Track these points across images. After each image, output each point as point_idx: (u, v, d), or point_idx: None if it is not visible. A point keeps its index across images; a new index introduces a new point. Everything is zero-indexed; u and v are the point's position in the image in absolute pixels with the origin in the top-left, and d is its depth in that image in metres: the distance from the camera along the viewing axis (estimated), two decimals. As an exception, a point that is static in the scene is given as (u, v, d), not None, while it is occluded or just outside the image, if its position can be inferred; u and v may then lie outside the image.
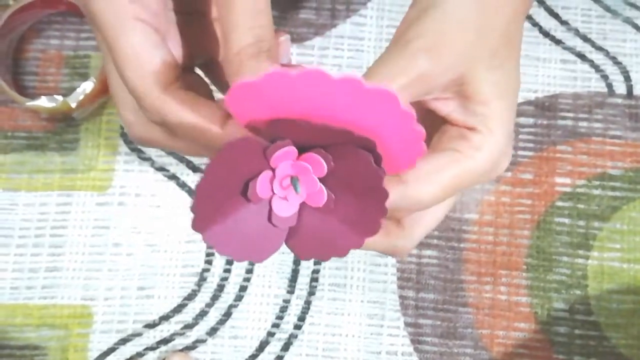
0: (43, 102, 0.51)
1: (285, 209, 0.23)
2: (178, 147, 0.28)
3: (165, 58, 0.25)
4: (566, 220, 0.53)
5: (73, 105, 0.51)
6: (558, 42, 0.57)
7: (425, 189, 0.25)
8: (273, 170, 0.22)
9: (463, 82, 0.25)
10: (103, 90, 0.52)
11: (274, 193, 0.23)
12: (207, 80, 0.32)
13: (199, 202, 0.21)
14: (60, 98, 0.51)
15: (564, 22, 0.57)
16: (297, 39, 0.57)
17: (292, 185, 0.22)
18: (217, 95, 0.33)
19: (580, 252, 0.52)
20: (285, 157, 0.22)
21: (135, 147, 0.54)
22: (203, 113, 0.24)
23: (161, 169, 0.54)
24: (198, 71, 0.32)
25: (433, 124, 0.27)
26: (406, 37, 0.24)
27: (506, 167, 0.28)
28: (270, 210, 0.23)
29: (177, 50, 0.29)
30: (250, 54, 0.24)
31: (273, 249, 0.23)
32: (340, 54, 0.57)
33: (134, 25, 0.25)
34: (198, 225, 0.22)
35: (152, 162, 0.54)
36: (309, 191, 0.22)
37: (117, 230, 0.53)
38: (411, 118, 0.22)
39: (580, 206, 0.53)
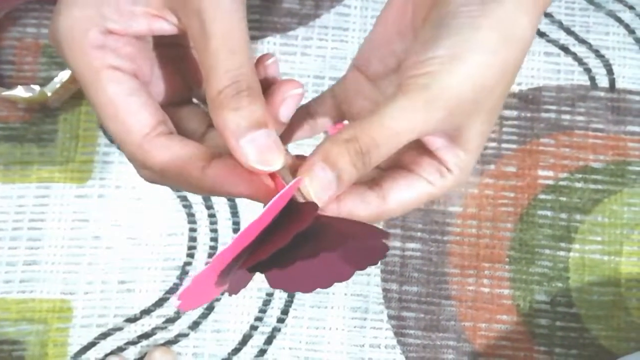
0: (20, 91, 0.50)
1: None
2: (169, 185, 0.28)
3: (145, 103, 0.25)
4: (548, 213, 0.53)
5: (50, 95, 0.50)
6: (542, 34, 0.57)
7: (396, 212, 0.28)
8: None
9: (459, 130, 0.27)
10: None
11: None
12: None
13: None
14: (37, 88, 0.50)
15: (547, 15, 0.57)
16: (280, 29, 0.56)
17: None
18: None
19: (562, 244, 0.53)
20: None
21: (115, 138, 0.53)
22: (183, 158, 0.25)
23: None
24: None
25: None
26: (430, 89, 0.25)
27: None
28: None
29: (162, 88, 0.29)
30: (230, 96, 0.24)
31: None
32: (324, 44, 0.56)
33: (108, 75, 0.25)
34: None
35: (132, 154, 0.53)
36: None
37: (96, 223, 0.52)
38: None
39: (563, 199, 0.53)
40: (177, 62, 0.30)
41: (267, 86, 0.28)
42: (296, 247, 0.23)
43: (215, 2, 0.24)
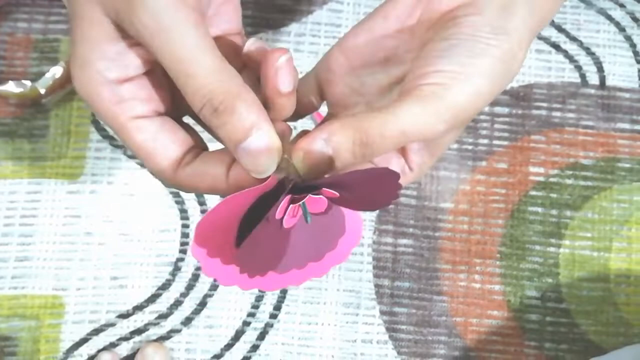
0: (11, 87, 0.50)
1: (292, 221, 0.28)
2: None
3: (171, 140, 0.27)
4: (539, 210, 0.54)
5: (42, 90, 0.50)
6: (533, 32, 0.57)
7: None
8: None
9: (437, 140, 0.29)
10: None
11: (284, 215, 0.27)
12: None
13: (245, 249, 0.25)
14: (28, 83, 0.50)
15: (539, 12, 0.57)
16: (272, 25, 0.56)
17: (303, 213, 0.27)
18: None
19: (553, 240, 0.53)
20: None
21: (107, 134, 0.53)
22: (208, 180, 0.27)
23: (134, 156, 0.53)
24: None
25: None
26: (443, 101, 0.26)
27: None
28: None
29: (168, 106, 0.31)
30: (209, 114, 0.26)
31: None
32: (316, 40, 0.56)
33: (132, 126, 0.27)
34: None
35: (124, 150, 0.53)
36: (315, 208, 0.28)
37: (88, 219, 0.52)
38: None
39: (553, 195, 0.54)
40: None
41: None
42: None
43: (157, 32, 0.25)
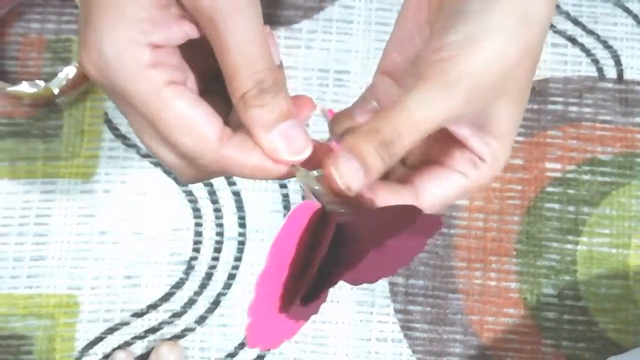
0: (24, 87, 0.50)
1: None
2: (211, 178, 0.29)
3: (209, 111, 0.25)
4: (556, 206, 0.53)
5: (55, 90, 0.50)
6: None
7: (431, 208, 0.28)
8: None
9: (484, 116, 0.26)
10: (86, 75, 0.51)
11: None
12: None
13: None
14: (42, 83, 0.50)
15: (554, 5, 0.56)
16: (284, 22, 0.56)
17: None
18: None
19: (570, 237, 0.52)
20: None
21: (120, 133, 0.53)
22: (257, 154, 0.25)
23: (147, 155, 0.53)
24: None
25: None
26: (448, 74, 0.24)
27: None
28: None
29: (197, 75, 0.28)
30: (254, 95, 0.25)
31: None
32: (328, 37, 0.56)
33: (170, 91, 0.24)
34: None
35: (137, 149, 0.53)
36: None
37: (102, 218, 0.52)
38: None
39: (570, 191, 0.53)
40: (197, 51, 0.30)
41: None
42: (337, 258, 0.23)
43: (228, 12, 0.25)
